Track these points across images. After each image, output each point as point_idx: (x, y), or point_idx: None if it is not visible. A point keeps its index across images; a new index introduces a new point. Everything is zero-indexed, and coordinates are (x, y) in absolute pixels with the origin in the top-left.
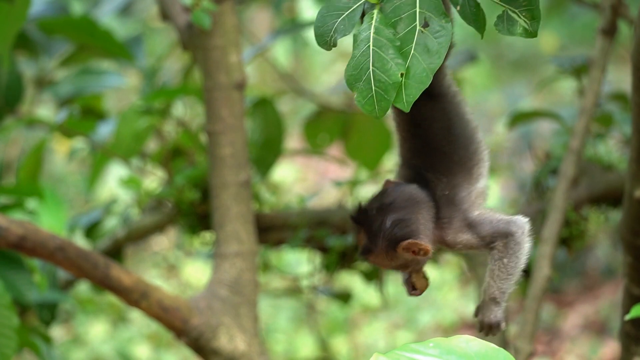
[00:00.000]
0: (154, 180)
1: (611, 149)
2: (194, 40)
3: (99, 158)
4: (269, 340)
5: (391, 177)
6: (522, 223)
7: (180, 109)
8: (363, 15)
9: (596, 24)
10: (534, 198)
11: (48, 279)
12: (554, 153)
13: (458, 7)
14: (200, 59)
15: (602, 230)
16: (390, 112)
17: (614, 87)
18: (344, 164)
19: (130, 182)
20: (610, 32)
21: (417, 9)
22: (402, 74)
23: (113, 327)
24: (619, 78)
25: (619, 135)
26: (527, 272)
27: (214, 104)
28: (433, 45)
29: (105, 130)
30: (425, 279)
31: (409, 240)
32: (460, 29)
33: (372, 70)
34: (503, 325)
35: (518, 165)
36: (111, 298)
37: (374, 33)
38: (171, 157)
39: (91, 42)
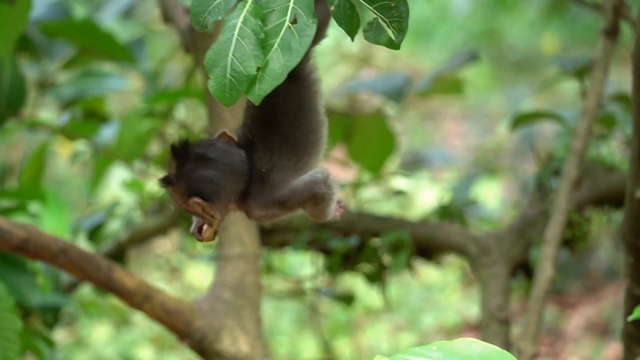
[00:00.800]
0: (156, 182)
1: (613, 150)
2: (196, 42)
3: (102, 161)
4: (272, 343)
5: (231, 132)
6: (320, 177)
7: (182, 111)
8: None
9: (598, 25)
10: (536, 199)
11: (51, 282)
12: (556, 154)
13: (333, 7)
14: (202, 61)
15: (605, 231)
16: None
17: (616, 88)
18: (347, 167)
19: (133, 185)
20: (612, 33)
21: (291, 4)
22: (258, 68)
23: (116, 329)
24: (621, 79)
25: (622, 136)
26: (530, 274)
27: (216, 106)
28: (295, 44)
29: (107, 133)
30: (214, 233)
31: (200, 200)
32: (462, 31)
33: (231, 58)
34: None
35: (520, 166)
36: (114, 301)
37: (241, 22)
38: None
39: (93, 45)
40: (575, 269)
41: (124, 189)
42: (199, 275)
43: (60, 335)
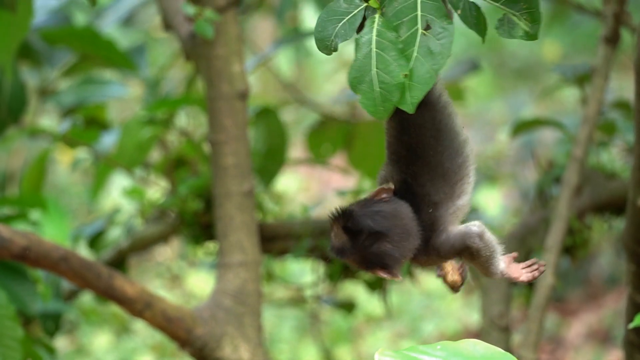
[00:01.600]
0: (157, 190)
1: (614, 157)
2: (196, 50)
3: (102, 168)
4: (273, 350)
5: (385, 183)
6: (475, 230)
7: (183, 118)
8: (364, 20)
9: (599, 32)
10: (537, 207)
11: (52, 290)
12: (557, 161)
13: (459, 11)
14: (203, 69)
15: (606, 238)
16: None
17: (616, 95)
18: (348, 174)
19: (134, 192)
20: (612, 40)
21: (419, 12)
22: (405, 75)
23: (117, 337)
24: (622, 86)
25: (622, 143)
26: (531, 281)
27: (217, 114)
28: (436, 47)
29: (108, 141)
30: (460, 276)
31: (384, 273)
32: (463, 37)
33: (375, 72)
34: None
35: (521, 174)
36: (115, 308)
37: (376, 36)
38: (174, 167)
39: (94, 52)
40: (576, 277)
41: (124, 197)
42: (200, 283)
43: (61, 343)
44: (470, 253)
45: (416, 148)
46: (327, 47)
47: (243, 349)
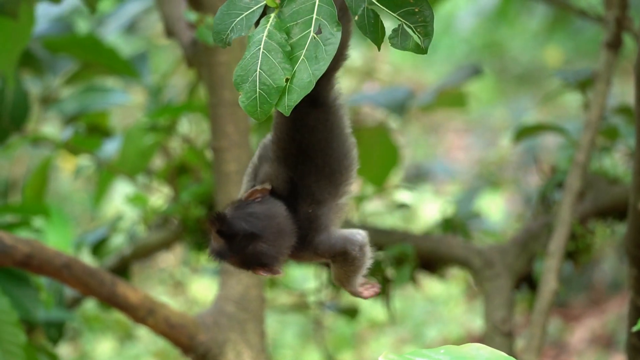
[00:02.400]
0: (159, 197)
1: (617, 162)
2: (198, 56)
3: (105, 175)
4: (276, 356)
5: (262, 184)
6: (359, 239)
7: (185, 125)
8: (262, 16)
9: (601, 38)
10: (539, 212)
11: (55, 297)
12: (560, 167)
13: (356, 18)
14: (205, 76)
15: (609, 243)
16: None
17: (619, 100)
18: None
19: (136, 199)
20: (614, 45)
21: (314, 16)
22: (287, 79)
23: (120, 344)
24: (624, 91)
25: (625, 148)
26: (534, 286)
27: (219, 121)
28: (321, 53)
29: (110, 148)
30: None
31: (263, 271)
32: (465, 43)
33: (259, 72)
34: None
35: (523, 179)
36: (118, 315)
37: (266, 36)
38: (177, 174)
39: (96, 59)
40: (579, 282)
41: (127, 204)
42: (203, 289)
43: (64, 350)
44: (344, 258)
45: (306, 148)
46: (222, 41)
47: (246, 355)
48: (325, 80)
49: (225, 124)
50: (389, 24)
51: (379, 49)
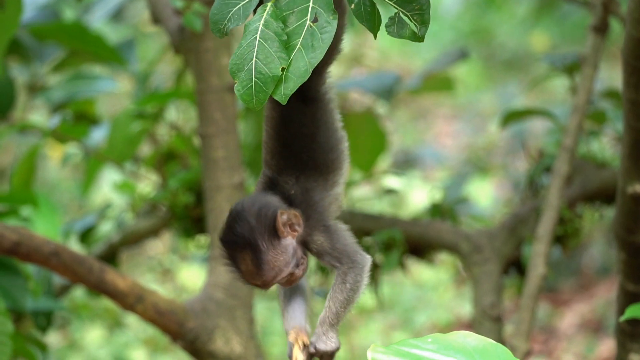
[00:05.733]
0: (147, 184)
1: (604, 146)
2: (185, 43)
3: (93, 163)
4: (265, 343)
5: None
6: (367, 259)
7: (173, 112)
8: (259, 5)
9: (587, 22)
10: (528, 196)
11: (43, 286)
12: (548, 151)
13: (353, 6)
14: (192, 62)
15: (597, 228)
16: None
17: (606, 84)
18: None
19: (124, 187)
20: (601, 29)
21: (311, 4)
22: (283, 68)
23: (109, 332)
24: (611, 75)
25: (612, 132)
26: (522, 271)
27: (207, 107)
28: (317, 42)
29: (98, 135)
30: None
31: (281, 216)
32: (452, 30)
33: (255, 61)
34: (337, 348)
35: (512, 164)
36: (107, 303)
37: (262, 25)
38: (165, 161)
39: (83, 47)
40: (568, 266)
41: (115, 191)
42: (192, 277)
43: (53, 338)
44: (350, 268)
45: (292, 143)
46: (220, 30)
47: (235, 341)
48: (317, 75)
49: (213, 111)
50: (385, 12)
51: (375, 37)
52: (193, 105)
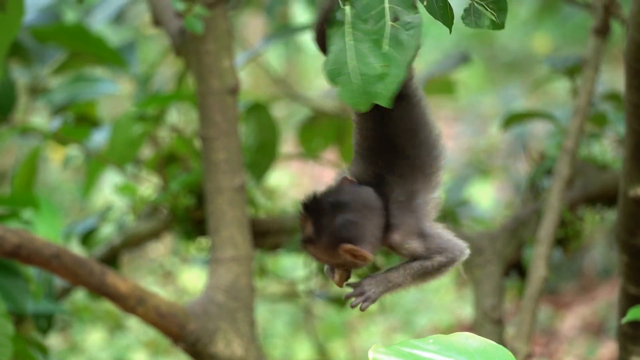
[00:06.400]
0: (148, 186)
1: (606, 148)
2: (186, 45)
3: (94, 165)
4: (267, 345)
5: (348, 173)
6: (465, 250)
7: (174, 115)
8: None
9: (589, 24)
10: (529, 199)
11: (44, 288)
12: (549, 153)
13: (425, 2)
14: (193, 65)
15: (598, 230)
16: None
17: (607, 86)
18: (340, 168)
19: (125, 189)
20: (603, 31)
21: (386, 5)
22: (383, 66)
23: (110, 334)
24: (613, 78)
25: (613, 134)
26: (523, 273)
27: (208, 109)
28: (405, 38)
29: (99, 138)
30: (347, 278)
31: (351, 246)
32: (454, 31)
33: (353, 63)
34: (366, 304)
35: (513, 166)
36: (108, 305)
37: (351, 28)
38: (166, 163)
39: (84, 49)
40: (569, 269)
41: (116, 193)
42: (193, 279)
43: (54, 340)
44: (442, 260)
45: (394, 141)
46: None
47: (236, 344)
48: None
49: (214, 113)
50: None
51: (450, 32)
52: (194, 107)
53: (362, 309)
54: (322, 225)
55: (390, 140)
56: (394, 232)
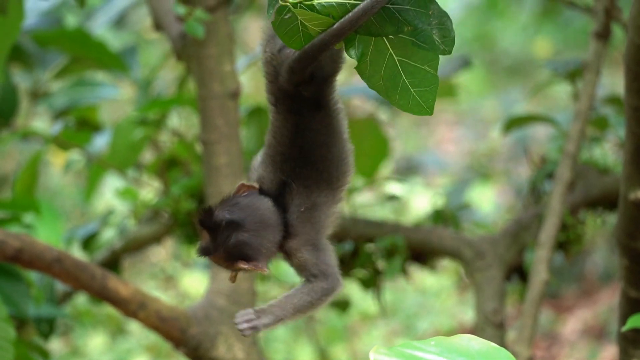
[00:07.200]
0: (150, 190)
1: (607, 152)
2: (187, 50)
3: (95, 170)
4: (268, 350)
5: (251, 178)
6: (340, 284)
7: (175, 119)
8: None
9: (590, 28)
10: (530, 203)
11: (46, 293)
12: (550, 157)
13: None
14: (194, 69)
15: (600, 234)
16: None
17: (608, 90)
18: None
19: (127, 193)
20: (604, 35)
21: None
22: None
23: (112, 338)
24: (614, 81)
25: (615, 138)
26: (525, 277)
27: (209, 113)
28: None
29: (100, 142)
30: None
31: (245, 264)
32: (456, 35)
33: (405, 77)
34: (249, 332)
35: (514, 170)
36: (109, 310)
37: (391, 49)
38: (167, 168)
39: (85, 53)
40: (570, 273)
41: (117, 198)
42: (194, 283)
43: (55, 344)
44: (322, 287)
45: (308, 152)
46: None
47: (237, 348)
48: (327, 84)
49: (215, 117)
50: None
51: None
52: (195, 111)
53: (244, 335)
54: (217, 241)
55: (303, 149)
56: (291, 240)
